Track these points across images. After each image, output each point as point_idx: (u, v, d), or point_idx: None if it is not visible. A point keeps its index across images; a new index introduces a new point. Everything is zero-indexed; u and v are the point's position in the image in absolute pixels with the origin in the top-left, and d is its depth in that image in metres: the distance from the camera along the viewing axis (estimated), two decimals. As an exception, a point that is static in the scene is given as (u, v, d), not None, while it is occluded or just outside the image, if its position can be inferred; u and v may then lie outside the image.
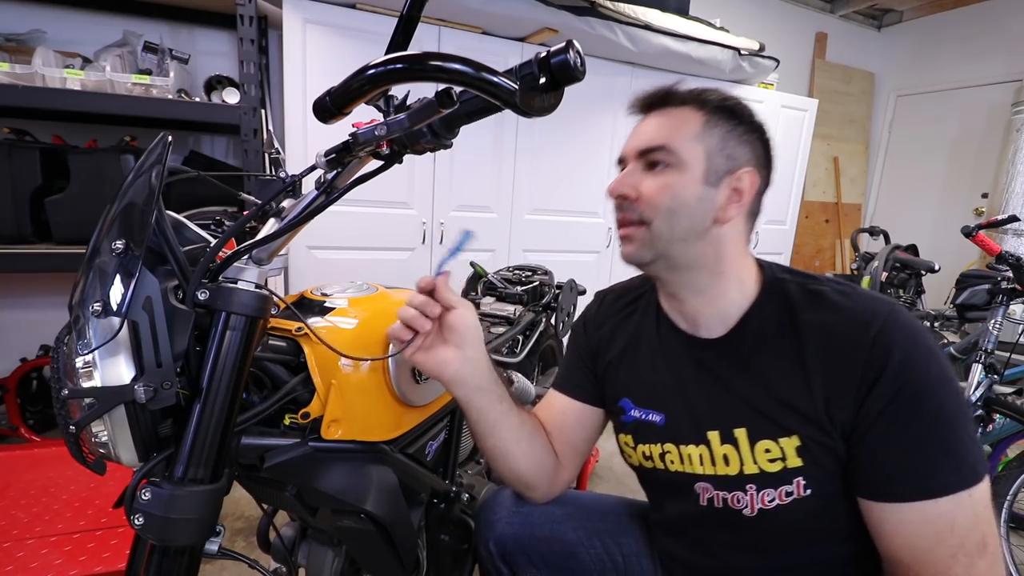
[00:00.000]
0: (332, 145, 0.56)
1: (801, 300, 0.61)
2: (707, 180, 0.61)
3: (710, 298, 0.65)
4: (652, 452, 0.70)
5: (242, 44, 1.67)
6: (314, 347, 0.67)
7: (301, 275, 1.99)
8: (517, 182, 2.33)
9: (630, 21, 2.16)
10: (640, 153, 0.63)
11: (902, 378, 0.53)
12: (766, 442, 0.59)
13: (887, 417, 0.54)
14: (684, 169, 0.61)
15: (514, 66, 0.47)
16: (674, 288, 0.67)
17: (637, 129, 0.66)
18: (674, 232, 0.61)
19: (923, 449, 0.53)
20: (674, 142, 0.61)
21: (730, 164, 0.62)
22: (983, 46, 3.60)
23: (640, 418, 0.71)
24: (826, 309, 0.59)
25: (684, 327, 0.69)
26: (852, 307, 0.58)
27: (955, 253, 3.47)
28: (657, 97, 0.65)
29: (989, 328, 1.60)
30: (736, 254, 0.64)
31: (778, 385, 0.59)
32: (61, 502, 1.29)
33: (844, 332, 0.57)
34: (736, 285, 0.64)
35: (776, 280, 0.64)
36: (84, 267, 0.52)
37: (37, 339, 1.90)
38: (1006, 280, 1.60)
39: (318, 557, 0.80)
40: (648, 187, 0.62)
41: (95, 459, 0.52)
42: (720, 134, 0.61)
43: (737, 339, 0.64)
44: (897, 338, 0.54)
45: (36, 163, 1.53)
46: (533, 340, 1.50)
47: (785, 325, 0.61)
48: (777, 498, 0.59)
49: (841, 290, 0.61)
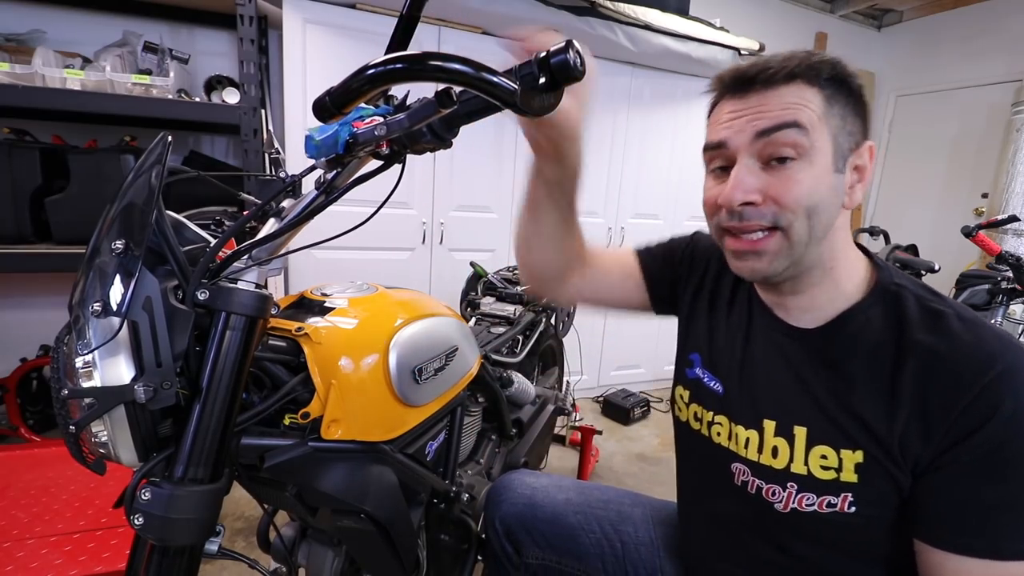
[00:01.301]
0: (332, 145, 0.56)
1: (916, 316, 0.54)
2: (836, 166, 0.53)
3: (811, 294, 0.59)
4: (703, 416, 0.68)
5: (242, 44, 1.67)
6: (314, 347, 0.67)
7: (301, 275, 1.99)
8: (517, 182, 2.33)
9: (630, 21, 2.16)
10: (759, 135, 0.53)
11: (1007, 435, 0.47)
12: (824, 448, 0.56)
13: (976, 468, 0.49)
14: (814, 157, 0.52)
15: (514, 66, 0.47)
16: (780, 285, 0.60)
17: (737, 110, 0.55)
18: (813, 233, 0.54)
19: (1006, 510, 0.48)
20: (806, 120, 0.51)
21: (851, 141, 0.54)
22: (983, 46, 3.59)
23: (703, 379, 0.69)
24: (941, 334, 0.52)
25: (776, 311, 0.64)
26: (971, 341, 0.51)
27: (955, 253, 3.47)
28: (756, 72, 0.54)
29: (989, 328, 1.59)
30: (845, 244, 0.58)
31: (857, 397, 0.55)
32: (61, 502, 1.29)
33: (953, 366, 0.50)
34: (841, 280, 0.58)
35: (892, 285, 0.57)
36: (84, 267, 0.52)
37: (37, 339, 1.90)
38: (1006, 280, 1.60)
39: (318, 557, 0.80)
40: (778, 187, 0.53)
41: (95, 459, 0.52)
42: (840, 112, 0.53)
43: (828, 336, 0.58)
44: (1013, 389, 0.48)
45: (36, 163, 1.53)
46: (533, 340, 1.50)
47: (889, 337, 0.54)
48: (817, 505, 0.56)
49: (964, 317, 0.53)
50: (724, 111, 0.57)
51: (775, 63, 0.53)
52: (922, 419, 0.51)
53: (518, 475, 0.88)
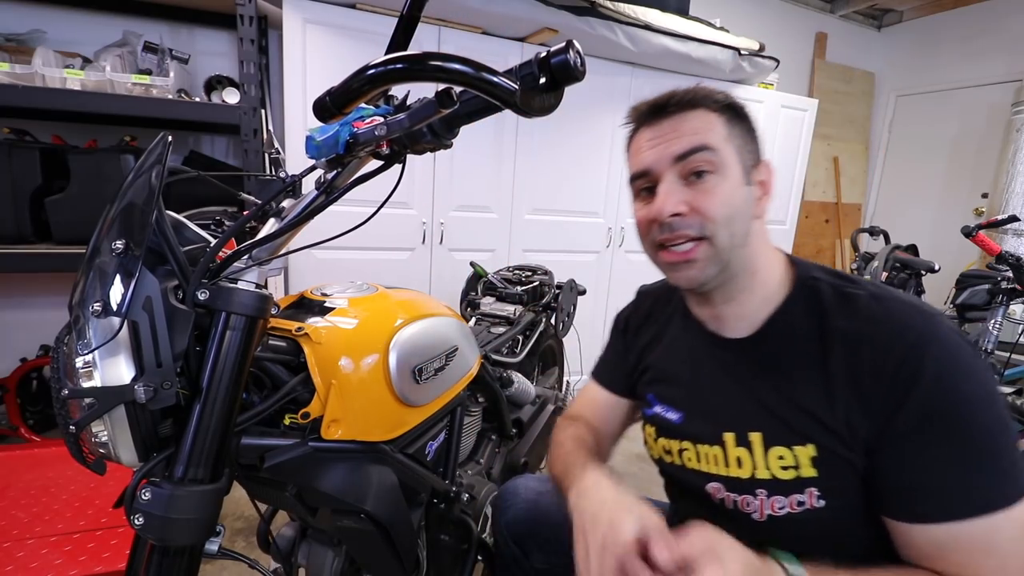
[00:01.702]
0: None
1: (833, 304, 0.58)
2: (745, 180, 0.61)
3: (741, 300, 0.64)
4: (672, 447, 0.71)
5: (242, 44, 1.67)
6: (314, 347, 0.67)
7: (301, 275, 1.99)
8: (517, 182, 2.33)
9: (630, 21, 2.16)
10: (677, 159, 0.60)
11: (935, 396, 0.50)
12: (780, 449, 0.58)
13: (916, 436, 0.51)
14: (727, 172, 0.59)
15: (514, 66, 0.47)
16: (711, 294, 0.65)
17: (653, 138, 0.62)
18: (734, 240, 0.59)
19: (951, 470, 0.50)
20: (713, 141, 0.59)
21: (753, 159, 0.62)
22: (983, 46, 3.59)
23: (662, 414, 0.73)
24: (858, 316, 0.56)
25: (711, 327, 0.68)
26: (885, 317, 0.55)
27: (955, 253, 3.47)
28: (664, 103, 0.62)
29: (989, 328, 1.60)
30: (764, 249, 0.64)
31: (799, 391, 0.58)
32: (61, 502, 1.29)
33: (872, 343, 0.54)
34: (766, 283, 0.63)
35: (809, 280, 0.62)
36: (84, 267, 0.52)
37: (37, 339, 1.90)
38: (1006, 280, 1.60)
39: (318, 557, 0.80)
40: (700, 199, 0.59)
41: (95, 459, 0.52)
42: (739, 132, 0.61)
43: (761, 341, 0.63)
44: (932, 352, 0.51)
45: (36, 163, 1.53)
46: (533, 340, 1.50)
47: (813, 329, 0.58)
48: (788, 506, 0.58)
49: (878, 295, 0.57)
50: (643, 139, 0.63)
51: (680, 93, 0.61)
52: (859, 399, 0.54)
53: (523, 480, 0.88)
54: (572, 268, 2.34)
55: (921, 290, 2.77)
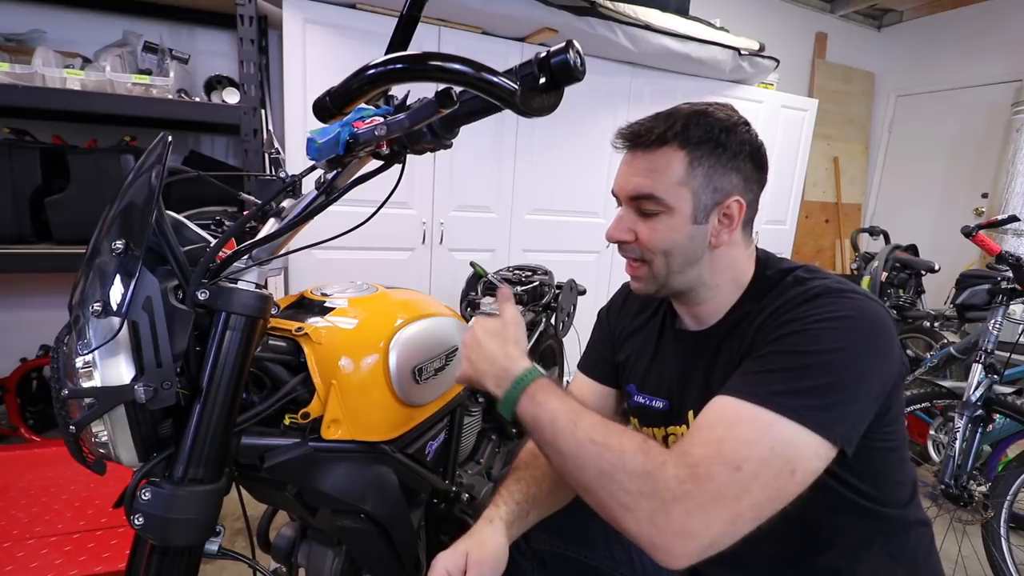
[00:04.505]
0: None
1: (775, 292, 0.64)
2: (695, 219, 0.64)
3: (707, 303, 0.70)
4: (656, 435, 0.75)
5: (242, 44, 1.67)
6: (314, 347, 0.67)
7: (301, 275, 1.99)
8: (517, 182, 2.33)
9: (630, 21, 2.16)
10: (630, 198, 0.67)
11: (779, 330, 0.57)
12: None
13: (767, 346, 0.57)
14: (673, 213, 0.64)
15: (514, 66, 0.47)
16: (678, 299, 0.73)
17: (624, 170, 0.68)
18: (671, 268, 0.67)
19: (754, 371, 0.56)
20: (660, 190, 0.64)
21: (717, 197, 0.65)
22: (983, 46, 3.59)
23: (643, 403, 0.77)
24: (780, 296, 0.62)
25: (687, 322, 0.75)
26: (797, 290, 0.61)
27: (955, 253, 3.46)
28: (639, 134, 0.66)
29: (989, 328, 1.59)
30: (731, 263, 0.69)
31: (731, 370, 0.62)
32: (61, 502, 1.29)
33: (775, 311, 0.60)
34: (731, 291, 0.69)
35: (766, 277, 0.68)
36: (84, 267, 0.52)
37: (37, 339, 1.90)
38: (1006, 280, 1.60)
39: (318, 557, 0.80)
40: (643, 232, 0.66)
41: (95, 459, 0.52)
42: (704, 172, 0.63)
43: (716, 329, 0.70)
44: (796, 303, 0.58)
45: (36, 163, 1.53)
46: (533, 340, 1.50)
47: (754, 312, 0.64)
48: None
49: (807, 278, 0.63)
50: (622, 165, 0.69)
51: (657, 125, 0.64)
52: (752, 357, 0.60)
53: None
54: (572, 268, 2.33)
55: (921, 290, 2.77)
